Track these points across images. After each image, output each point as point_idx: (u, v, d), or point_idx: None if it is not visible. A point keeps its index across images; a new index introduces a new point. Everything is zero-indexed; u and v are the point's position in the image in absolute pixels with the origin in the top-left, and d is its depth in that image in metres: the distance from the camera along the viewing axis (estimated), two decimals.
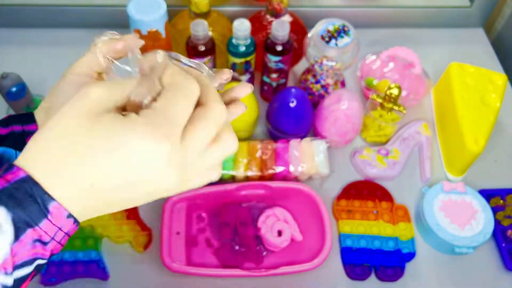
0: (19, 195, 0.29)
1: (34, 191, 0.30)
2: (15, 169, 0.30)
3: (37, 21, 0.92)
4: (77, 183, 0.30)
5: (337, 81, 0.83)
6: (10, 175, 0.30)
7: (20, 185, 0.29)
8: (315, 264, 0.64)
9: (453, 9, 0.97)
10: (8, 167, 0.30)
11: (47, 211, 0.30)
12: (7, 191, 0.29)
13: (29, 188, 0.29)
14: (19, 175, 0.30)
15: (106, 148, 0.30)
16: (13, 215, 0.29)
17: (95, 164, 0.30)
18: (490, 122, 0.74)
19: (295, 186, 0.71)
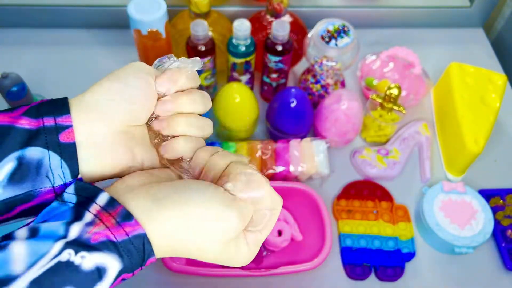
0: (133, 249, 0.32)
1: (146, 248, 0.33)
2: (133, 222, 0.32)
3: (37, 21, 0.92)
4: (175, 252, 0.35)
5: (337, 81, 0.83)
6: (130, 227, 0.32)
7: (136, 240, 0.32)
8: (315, 264, 0.64)
9: (453, 9, 0.97)
10: (126, 216, 0.33)
11: (145, 263, 0.34)
12: (126, 245, 0.32)
13: (142, 244, 0.33)
14: (137, 230, 0.32)
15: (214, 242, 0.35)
16: (123, 267, 0.32)
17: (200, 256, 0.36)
18: (490, 122, 0.74)
19: (295, 186, 0.71)
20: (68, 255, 0.30)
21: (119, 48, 0.91)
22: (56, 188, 0.35)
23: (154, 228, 0.33)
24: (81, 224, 0.32)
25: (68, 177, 0.35)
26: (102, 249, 0.31)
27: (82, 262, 0.30)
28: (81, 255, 0.30)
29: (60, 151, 0.34)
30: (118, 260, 0.32)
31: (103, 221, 0.32)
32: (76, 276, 0.30)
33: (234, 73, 0.78)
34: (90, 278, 0.30)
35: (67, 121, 0.35)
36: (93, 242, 0.31)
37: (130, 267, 0.33)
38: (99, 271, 0.31)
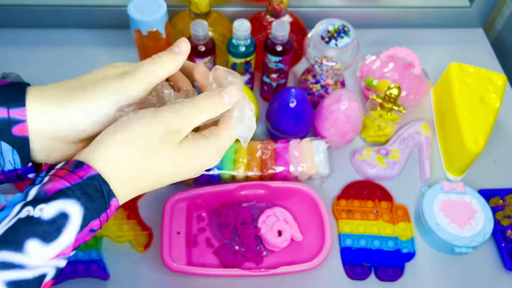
0: (90, 191, 0.33)
1: (103, 188, 0.34)
2: (86, 167, 0.33)
3: (37, 21, 0.92)
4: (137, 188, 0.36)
5: (337, 81, 0.83)
6: (82, 171, 0.33)
7: (91, 182, 0.33)
8: (315, 264, 0.64)
9: (452, 10, 0.97)
10: (77, 163, 0.34)
11: (108, 205, 0.34)
12: (80, 187, 0.33)
13: (98, 185, 0.33)
14: (90, 172, 0.33)
15: (178, 165, 0.37)
16: (85, 211, 0.33)
17: (158, 177, 0.37)
18: (490, 122, 0.74)
19: (295, 186, 0.71)
20: (27, 212, 0.31)
21: (119, 48, 0.91)
22: (6, 172, 0.36)
23: (106, 167, 0.34)
24: (39, 185, 0.33)
25: (19, 164, 0.36)
26: (59, 197, 0.32)
27: (42, 213, 0.31)
28: (39, 208, 0.31)
29: (12, 142, 0.35)
30: (78, 204, 0.32)
31: (57, 175, 0.33)
32: (38, 227, 0.31)
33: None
34: (53, 227, 0.31)
35: (21, 114, 0.35)
36: (49, 194, 0.32)
37: (94, 211, 0.33)
38: (61, 218, 0.32)
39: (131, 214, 0.70)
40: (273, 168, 0.72)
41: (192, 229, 0.70)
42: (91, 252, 0.66)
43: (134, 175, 0.36)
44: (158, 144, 0.35)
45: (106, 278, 0.65)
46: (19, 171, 0.37)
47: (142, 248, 0.68)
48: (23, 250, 0.30)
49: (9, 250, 0.30)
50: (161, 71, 0.39)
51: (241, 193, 0.71)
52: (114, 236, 0.68)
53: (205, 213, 0.71)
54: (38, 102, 0.36)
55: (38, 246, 0.31)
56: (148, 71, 0.38)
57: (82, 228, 0.33)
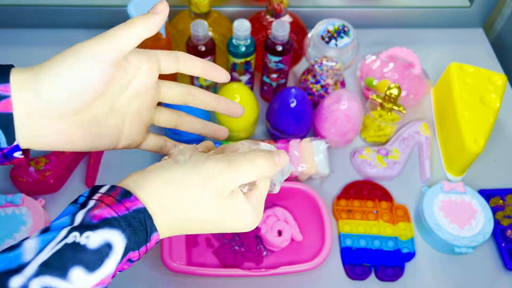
0: (135, 223, 0.34)
1: (147, 222, 0.35)
2: (133, 198, 0.35)
3: (37, 21, 0.92)
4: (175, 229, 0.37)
5: (337, 81, 0.83)
6: (129, 203, 0.34)
7: (137, 215, 0.34)
8: (315, 264, 0.64)
9: (452, 10, 0.97)
10: (125, 193, 0.35)
11: (149, 240, 0.35)
12: (127, 219, 0.34)
13: (143, 219, 0.34)
14: (137, 205, 0.34)
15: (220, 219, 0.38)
16: (127, 242, 0.33)
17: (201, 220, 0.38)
18: (490, 122, 0.74)
19: (295, 186, 0.71)
20: (74, 237, 0.32)
21: None
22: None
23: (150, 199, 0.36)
24: (85, 210, 0.33)
25: (4, 143, 0.35)
26: (105, 226, 0.33)
27: (88, 241, 0.32)
28: (86, 235, 0.32)
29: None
30: (122, 235, 0.33)
31: (104, 202, 0.34)
32: (84, 255, 0.31)
33: (234, 73, 0.78)
34: (97, 256, 0.32)
35: (5, 90, 0.34)
36: (95, 221, 0.33)
37: (135, 243, 0.34)
38: (106, 247, 0.32)
39: None
40: None
41: None
42: None
43: (176, 216, 0.37)
44: (204, 191, 0.37)
45: None
46: (4, 150, 0.36)
47: None
48: (67, 277, 0.31)
49: (54, 276, 0.31)
50: (133, 30, 0.37)
51: None
52: None
53: None
54: (21, 78, 0.35)
55: (81, 274, 0.31)
56: (118, 32, 0.37)
57: (122, 258, 0.34)
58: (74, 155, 0.74)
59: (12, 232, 0.64)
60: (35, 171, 0.70)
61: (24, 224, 0.65)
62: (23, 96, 0.35)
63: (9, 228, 0.65)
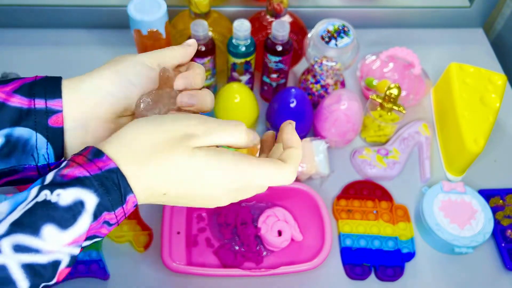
0: (108, 183, 0.33)
1: (121, 182, 0.33)
2: (105, 158, 0.33)
3: (37, 21, 0.92)
4: (154, 188, 0.35)
5: (337, 81, 0.83)
6: (101, 162, 0.33)
7: (109, 174, 0.33)
8: (315, 264, 0.64)
9: (452, 10, 0.97)
10: (97, 153, 0.34)
11: (125, 200, 0.34)
12: (99, 178, 0.33)
13: (116, 178, 0.33)
14: (109, 165, 0.33)
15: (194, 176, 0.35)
16: (100, 200, 0.32)
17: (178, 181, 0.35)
18: (490, 122, 0.74)
19: (295, 186, 0.71)
20: (45, 196, 0.31)
21: (119, 48, 0.91)
22: (40, 167, 0.37)
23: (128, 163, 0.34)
24: (56, 169, 0.33)
25: (52, 158, 0.37)
26: (76, 184, 0.32)
27: (59, 199, 0.31)
28: (56, 193, 0.31)
29: (47, 134, 0.36)
30: (94, 194, 0.33)
31: (76, 161, 0.33)
32: (55, 212, 0.31)
33: (234, 73, 0.78)
34: (69, 213, 0.32)
35: (57, 105, 0.36)
36: (67, 179, 0.32)
37: (109, 202, 0.33)
38: (77, 205, 0.32)
39: (131, 214, 0.70)
40: None
41: (192, 229, 0.70)
42: (91, 252, 0.66)
43: (149, 172, 0.35)
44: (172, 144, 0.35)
45: (106, 278, 0.65)
46: (52, 166, 0.37)
47: (142, 248, 0.68)
48: (39, 234, 0.31)
49: (26, 233, 0.30)
50: (172, 54, 0.42)
51: None
52: (114, 236, 0.68)
53: (205, 213, 0.71)
54: (72, 89, 0.37)
55: (54, 232, 0.31)
56: (162, 52, 0.42)
57: (96, 217, 0.33)
58: None
59: None
60: None
61: None
62: (75, 106, 0.37)
63: None
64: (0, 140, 0.35)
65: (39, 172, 0.38)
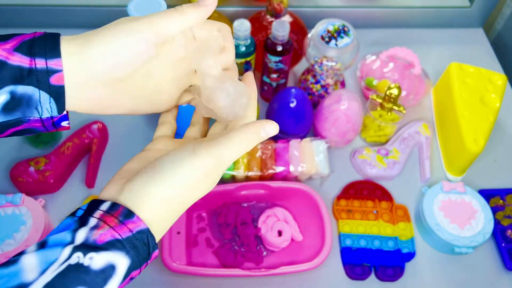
0: (139, 244, 0.34)
1: (150, 242, 0.35)
2: (135, 219, 0.35)
3: (37, 21, 0.92)
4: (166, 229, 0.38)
5: (337, 81, 0.83)
6: (132, 224, 0.35)
7: (140, 236, 0.35)
8: (315, 264, 0.64)
9: (452, 10, 0.97)
10: (128, 213, 0.35)
11: (150, 257, 0.36)
12: (130, 241, 0.34)
13: (146, 239, 0.35)
14: (140, 226, 0.35)
15: None
16: (131, 263, 0.34)
17: None
18: (490, 122, 0.74)
19: (295, 186, 0.71)
20: (77, 258, 0.32)
21: None
22: (44, 119, 0.38)
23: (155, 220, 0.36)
24: (87, 229, 0.34)
25: (55, 112, 0.38)
26: (109, 248, 0.33)
27: (91, 262, 0.32)
28: (89, 257, 0.32)
29: (50, 91, 0.37)
30: (126, 257, 0.34)
31: (107, 223, 0.34)
32: (87, 276, 0.32)
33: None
34: (100, 277, 0.32)
35: (58, 65, 0.37)
36: (100, 243, 0.33)
37: (138, 262, 0.35)
38: (109, 269, 0.33)
39: None
40: (273, 168, 0.72)
41: (192, 229, 0.70)
42: None
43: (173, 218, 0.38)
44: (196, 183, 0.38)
45: None
46: (55, 119, 0.38)
47: None
48: None
49: None
50: (182, 18, 0.40)
51: (241, 193, 0.71)
52: None
53: (205, 213, 0.71)
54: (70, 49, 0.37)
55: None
56: (167, 17, 0.40)
57: (125, 278, 0.34)
58: (74, 155, 0.74)
59: (12, 232, 0.64)
60: (35, 171, 0.70)
61: (24, 224, 0.65)
62: (73, 67, 0.37)
63: (9, 228, 0.65)
64: (5, 96, 0.36)
65: (43, 124, 0.39)
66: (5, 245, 0.63)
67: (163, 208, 0.37)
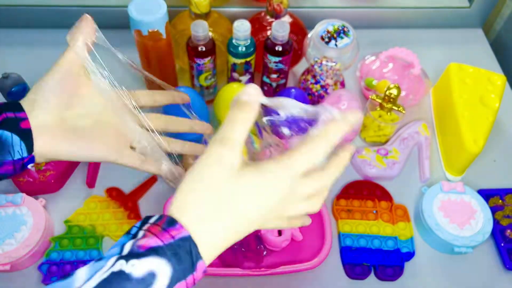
0: (181, 252, 0.35)
1: (193, 250, 0.35)
2: (178, 226, 0.36)
3: (38, 21, 0.92)
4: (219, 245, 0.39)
5: (336, 81, 0.83)
6: (175, 231, 0.35)
7: (182, 243, 0.35)
8: (314, 263, 0.64)
9: (452, 10, 0.97)
10: (171, 221, 0.36)
11: (195, 268, 0.36)
12: (172, 248, 0.35)
13: (189, 247, 0.35)
14: (182, 233, 0.35)
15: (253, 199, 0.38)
16: (173, 272, 0.34)
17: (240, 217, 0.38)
18: (489, 122, 0.74)
19: None
20: (120, 266, 0.33)
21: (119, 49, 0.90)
22: (15, 160, 0.44)
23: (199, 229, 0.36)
24: (134, 240, 0.35)
25: (25, 153, 0.44)
26: (150, 254, 0.34)
27: (133, 270, 0.33)
28: (131, 264, 0.33)
29: (21, 134, 0.44)
30: (167, 264, 0.34)
31: (151, 231, 0.35)
32: (128, 283, 0.33)
33: (234, 74, 0.79)
34: (141, 285, 0.33)
35: (23, 115, 0.45)
36: (142, 250, 0.34)
37: (181, 272, 0.35)
38: (149, 277, 0.33)
39: (131, 214, 0.70)
40: None
41: None
42: (92, 251, 0.66)
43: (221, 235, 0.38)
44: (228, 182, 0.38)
45: None
46: (25, 160, 0.45)
47: None
48: None
49: None
50: None
51: None
52: (114, 236, 0.68)
53: None
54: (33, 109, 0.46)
55: None
56: None
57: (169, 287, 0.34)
58: None
59: (13, 232, 0.65)
60: (35, 171, 0.70)
61: (24, 224, 0.65)
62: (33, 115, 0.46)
63: (9, 228, 0.65)
64: None
65: (14, 166, 0.44)
66: (6, 245, 0.63)
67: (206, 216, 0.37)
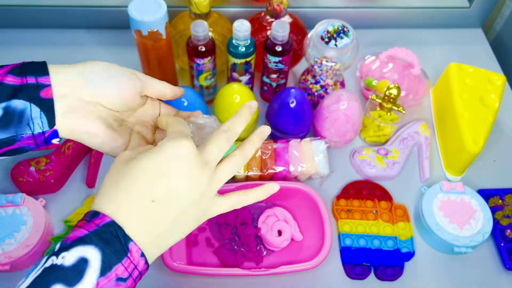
0: (107, 236, 0.36)
1: (119, 233, 0.36)
2: (101, 216, 0.37)
3: (38, 21, 0.92)
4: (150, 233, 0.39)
5: (336, 81, 0.83)
6: (98, 220, 0.37)
7: (107, 228, 0.36)
8: (314, 263, 0.64)
9: (452, 10, 0.97)
10: (94, 213, 0.37)
11: (128, 249, 0.36)
12: (97, 233, 0.36)
13: (114, 231, 0.36)
14: (105, 220, 0.36)
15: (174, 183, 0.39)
16: (102, 254, 0.35)
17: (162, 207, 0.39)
18: (489, 122, 0.74)
19: (295, 186, 0.71)
20: (51, 261, 0.34)
21: (120, 49, 0.91)
22: (36, 135, 0.41)
23: (121, 214, 0.37)
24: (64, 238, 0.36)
25: (46, 126, 0.41)
26: (78, 243, 0.35)
27: (64, 261, 0.34)
28: (61, 256, 0.34)
29: (40, 104, 0.40)
30: (95, 248, 0.35)
31: (78, 225, 0.37)
32: (61, 272, 0.34)
33: (234, 74, 0.79)
34: (75, 271, 0.34)
35: (46, 81, 0.41)
36: (70, 241, 0.35)
37: (112, 254, 0.35)
38: (82, 262, 0.34)
39: None
40: (273, 168, 0.72)
41: None
42: None
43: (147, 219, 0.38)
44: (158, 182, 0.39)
45: None
46: (46, 134, 0.41)
47: None
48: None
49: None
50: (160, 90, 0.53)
51: None
52: None
53: None
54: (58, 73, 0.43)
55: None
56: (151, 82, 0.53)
57: (105, 272, 0.35)
58: (75, 155, 0.74)
59: (13, 232, 0.65)
60: (35, 171, 0.70)
61: (24, 224, 0.65)
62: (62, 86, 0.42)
63: (9, 228, 0.65)
64: None
65: (35, 140, 0.41)
66: (6, 245, 0.63)
67: (128, 202, 0.38)
